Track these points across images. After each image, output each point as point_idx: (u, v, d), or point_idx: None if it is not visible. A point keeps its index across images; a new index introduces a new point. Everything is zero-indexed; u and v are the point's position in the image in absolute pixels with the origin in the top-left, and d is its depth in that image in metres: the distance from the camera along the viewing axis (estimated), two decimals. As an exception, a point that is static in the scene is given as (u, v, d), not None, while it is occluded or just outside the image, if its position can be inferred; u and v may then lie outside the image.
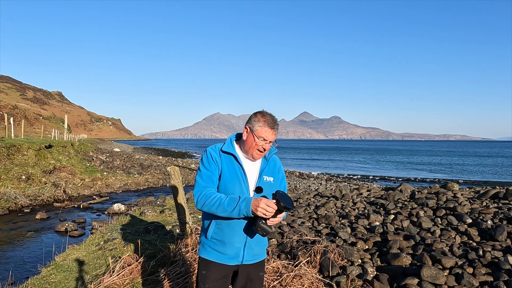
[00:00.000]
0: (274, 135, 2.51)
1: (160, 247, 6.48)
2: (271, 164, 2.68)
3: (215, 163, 2.52)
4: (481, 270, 4.53)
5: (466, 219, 6.67)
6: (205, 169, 2.53)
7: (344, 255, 5.33)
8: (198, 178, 2.54)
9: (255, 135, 2.48)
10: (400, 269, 4.81)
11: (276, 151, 2.70)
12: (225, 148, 2.57)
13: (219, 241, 2.54)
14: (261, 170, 2.60)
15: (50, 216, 11.89)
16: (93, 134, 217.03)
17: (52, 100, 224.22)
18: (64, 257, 6.55)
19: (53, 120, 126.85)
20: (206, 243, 2.59)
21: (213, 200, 2.38)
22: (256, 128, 2.49)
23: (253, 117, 2.55)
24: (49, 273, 5.68)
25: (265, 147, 2.50)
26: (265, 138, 2.48)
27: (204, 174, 2.52)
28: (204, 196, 2.41)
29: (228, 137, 2.67)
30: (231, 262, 2.55)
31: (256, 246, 2.61)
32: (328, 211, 8.69)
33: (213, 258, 2.56)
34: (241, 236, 2.53)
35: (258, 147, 2.50)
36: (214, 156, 2.54)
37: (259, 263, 2.68)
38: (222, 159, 2.54)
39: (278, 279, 4.56)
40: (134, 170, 24.82)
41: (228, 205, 2.34)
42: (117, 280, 4.88)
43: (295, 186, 21.97)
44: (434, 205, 7.99)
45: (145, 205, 12.57)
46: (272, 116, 2.53)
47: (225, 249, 2.53)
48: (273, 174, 2.65)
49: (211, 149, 2.59)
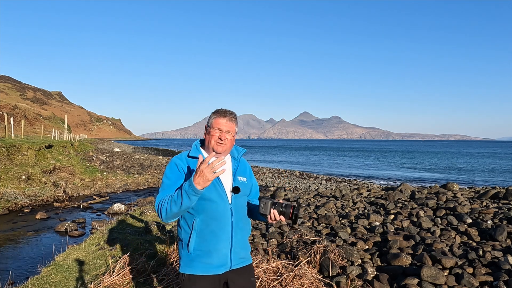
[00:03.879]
0: (229, 124, 2.48)
1: (160, 247, 6.48)
2: (242, 165, 2.66)
3: (180, 171, 2.45)
4: (481, 270, 4.53)
5: (466, 219, 6.67)
6: (167, 179, 2.45)
7: (344, 255, 5.33)
8: (160, 190, 2.44)
9: (210, 128, 2.49)
10: (400, 269, 4.81)
11: (245, 151, 2.68)
12: (192, 154, 2.52)
13: (203, 251, 2.43)
14: (234, 170, 2.57)
15: (50, 216, 11.88)
16: (93, 134, 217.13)
17: (52, 100, 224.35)
18: (64, 257, 6.54)
19: (53, 120, 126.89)
20: (189, 257, 2.46)
21: (165, 201, 2.30)
22: (211, 122, 2.50)
23: (210, 115, 2.58)
24: (49, 273, 5.68)
25: (222, 137, 2.46)
26: (220, 128, 2.46)
27: (165, 185, 2.43)
28: (160, 203, 2.33)
29: (193, 143, 2.62)
30: (219, 270, 2.45)
31: (241, 250, 2.56)
32: (328, 211, 8.69)
33: (199, 271, 2.43)
34: (226, 241, 2.46)
35: (214, 138, 2.46)
36: (180, 165, 2.47)
37: (247, 267, 2.60)
38: (191, 166, 2.47)
39: (278, 279, 4.57)
40: (134, 170, 24.80)
41: (177, 197, 2.24)
42: (117, 280, 4.88)
43: (295, 186, 21.95)
44: (434, 205, 7.99)
45: (145, 205, 12.57)
46: (225, 109, 2.54)
47: (211, 259, 2.43)
48: (245, 174, 2.63)
49: (176, 158, 2.52)
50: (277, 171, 33.13)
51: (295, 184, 23.09)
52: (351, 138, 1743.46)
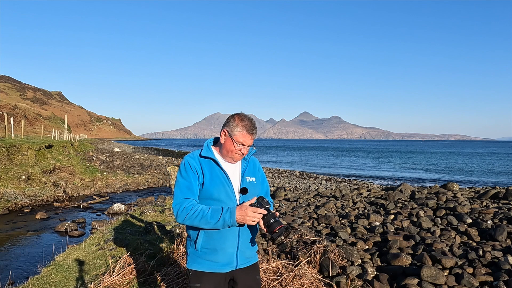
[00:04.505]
0: (252, 140, 2.47)
1: (160, 247, 6.48)
2: (251, 164, 2.66)
3: (193, 171, 2.43)
4: (481, 270, 4.53)
5: (466, 219, 6.67)
6: (183, 179, 2.43)
7: (344, 255, 5.32)
8: (177, 190, 2.42)
9: (233, 139, 2.43)
10: (400, 269, 4.81)
11: (255, 151, 2.67)
12: (204, 153, 2.49)
13: (210, 249, 2.45)
14: (242, 171, 2.57)
15: (50, 216, 11.89)
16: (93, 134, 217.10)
17: (52, 100, 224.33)
18: (64, 257, 6.55)
19: (53, 120, 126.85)
20: (196, 254, 2.48)
21: (195, 213, 2.29)
22: (235, 133, 2.43)
23: (231, 120, 2.48)
24: (49, 273, 5.68)
25: (244, 152, 2.46)
26: (244, 143, 2.43)
27: (182, 184, 2.41)
28: (184, 209, 2.31)
29: (205, 142, 2.60)
30: (225, 269, 2.47)
31: (247, 250, 2.57)
32: (328, 211, 8.68)
33: (205, 268, 2.45)
34: (233, 241, 2.47)
35: (236, 152, 2.45)
36: (193, 164, 2.45)
37: (253, 266, 2.63)
38: (203, 165, 2.46)
39: (278, 279, 4.57)
40: (134, 170, 24.81)
41: (211, 217, 2.27)
42: (117, 280, 4.88)
43: (295, 186, 21.95)
44: (434, 205, 7.99)
45: (145, 205, 12.58)
46: (251, 120, 2.48)
47: (217, 257, 2.45)
48: (254, 174, 2.63)
49: (189, 157, 2.49)
50: (277, 171, 33.14)
51: (295, 184, 23.09)
52: (351, 138, 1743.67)
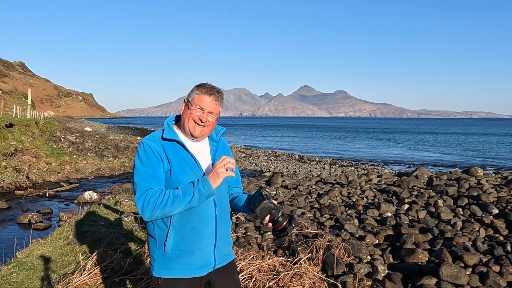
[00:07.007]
0: (213, 104, 2.41)
1: (138, 241, 6.47)
2: (221, 146, 2.63)
3: (157, 157, 2.34)
4: (509, 268, 4.55)
5: (492, 209, 6.70)
6: (144, 166, 2.31)
7: (351, 251, 5.34)
8: (138, 179, 2.30)
9: (191, 104, 2.41)
10: (415, 267, 4.83)
11: (225, 130, 2.64)
12: (167, 135, 2.41)
13: (183, 251, 2.38)
14: (212, 154, 2.55)
15: (11, 206, 11.85)
16: (61, 111, 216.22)
17: (14, 72, 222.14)
18: (27, 253, 6.53)
19: (14, 94, 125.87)
20: (166, 258, 2.39)
21: (164, 198, 2.21)
22: (193, 97, 2.43)
23: (192, 89, 2.50)
24: (10, 272, 5.66)
25: (203, 118, 2.39)
26: (202, 107, 2.39)
27: (144, 173, 2.30)
28: (151, 199, 2.21)
29: (165, 121, 2.53)
30: (203, 272, 2.43)
31: (225, 245, 2.55)
32: (333, 200, 8.70)
33: (179, 274, 2.37)
34: (210, 238, 2.43)
35: (193, 117, 2.38)
36: (155, 148, 2.35)
37: (230, 265, 2.61)
38: (166, 149, 2.38)
39: (274, 279, 4.56)
40: (108, 152, 24.77)
41: (184, 195, 2.21)
42: (88, 279, 4.87)
43: (294, 171, 22.03)
44: (455, 193, 8.02)
45: (121, 193, 12.56)
46: (212, 85, 2.47)
47: (193, 259, 2.39)
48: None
49: (149, 140, 2.39)
50: (274, 154, 33.25)
51: (294, 169, 23.16)
52: (358, 115, 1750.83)
